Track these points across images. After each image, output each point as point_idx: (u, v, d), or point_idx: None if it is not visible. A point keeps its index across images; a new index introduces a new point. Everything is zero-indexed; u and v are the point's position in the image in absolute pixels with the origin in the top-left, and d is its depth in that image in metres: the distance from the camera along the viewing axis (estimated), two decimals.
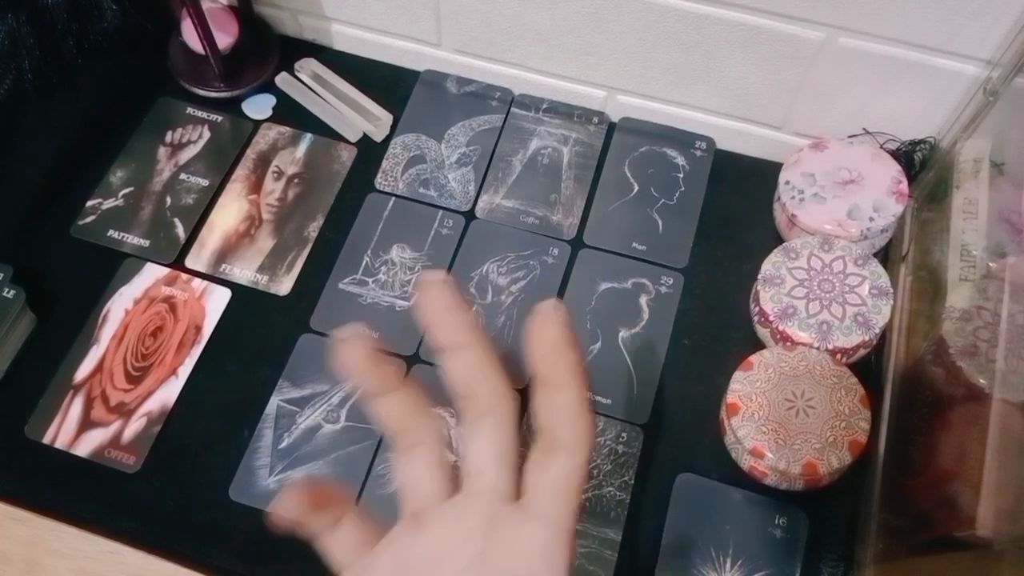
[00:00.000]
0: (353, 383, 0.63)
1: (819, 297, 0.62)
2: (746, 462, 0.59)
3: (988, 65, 0.61)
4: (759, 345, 0.64)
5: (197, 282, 0.68)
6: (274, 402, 0.63)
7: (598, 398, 0.63)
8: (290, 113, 0.76)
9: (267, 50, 0.78)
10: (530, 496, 0.32)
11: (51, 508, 0.60)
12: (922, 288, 0.63)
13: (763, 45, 0.65)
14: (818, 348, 0.60)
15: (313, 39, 0.80)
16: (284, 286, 0.68)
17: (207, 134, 0.75)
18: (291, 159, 0.74)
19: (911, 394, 0.59)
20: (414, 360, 0.65)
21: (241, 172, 0.73)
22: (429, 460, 0.34)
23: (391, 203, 0.72)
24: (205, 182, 0.73)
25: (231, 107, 0.77)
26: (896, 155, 0.68)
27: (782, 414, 0.58)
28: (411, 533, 0.33)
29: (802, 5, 0.61)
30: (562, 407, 0.32)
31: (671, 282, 0.68)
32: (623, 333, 0.66)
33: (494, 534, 0.32)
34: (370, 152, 0.74)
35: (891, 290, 0.62)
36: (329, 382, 0.64)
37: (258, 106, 0.77)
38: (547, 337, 0.32)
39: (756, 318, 0.64)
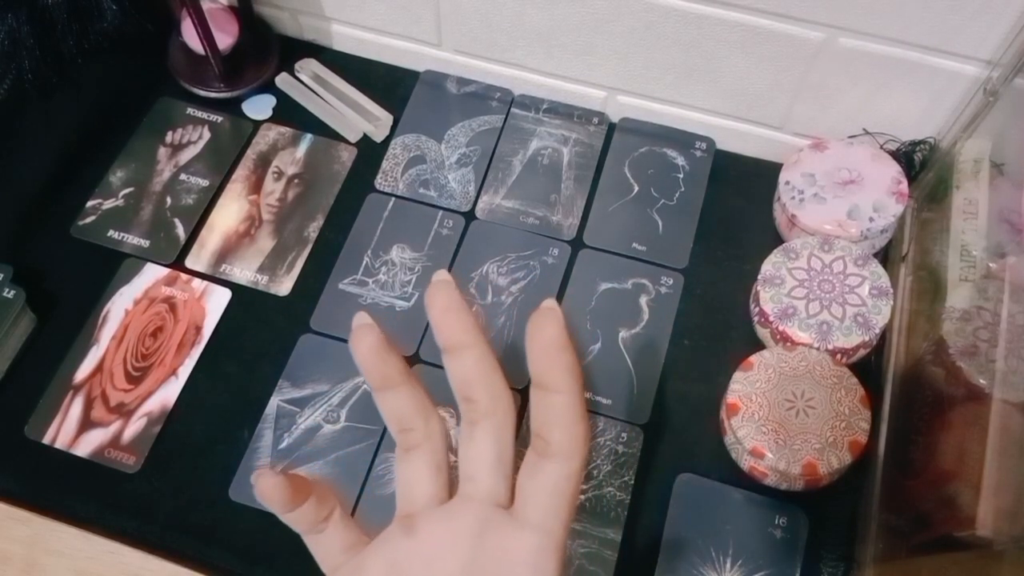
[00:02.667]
0: (361, 374, 0.63)
1: (819, 297, 0.62)
2: (746, 462, 0.59)
3: (988, 65, 0.61)
4: (759, 345, 0.64)
5: (197, 282, 0.68)
6: (274, 402, 0.63)
7: (598, 398, 0.63)
8: (290, 113, 0.76)
9: (267, 50, 0.78)
10: (521, 503, 0.32)
11: (51, 508, 0.60)
12: (922, 288, 0.63)
13: (763, 45, 0.65)
14: (818, 348, 0.60)
15: (313, 39, 0.80)
16: (284, 286, 0.68)
17: (207, 134, 0.75)
18: (291, 159, 0.74)
19: (911, 394, 0.59)
20: (414, 360, 0.65)
21: (241, 172, 0.73)
22: (428, 462, 0.34)
23: (391, 203, 0.72)
24: (205, 182, 0.73)
25: (231, 107, 0.77)
26: (896, 155, 0.68)
27: (782, 414, 0.58)
28: (403, 535, 0.33)
29: (802, 5, 0.61)
30: (557, 411, 0.32)
31: (671, 282, 0.68)
32: (623, 333, 0.66)
33: (485, 540, 0.32)
34: (370, 152, 0.74)
35: (891, 290, 0.62)
36: (329, 382, 0.64)
37: (258, 106, 0.77)
38: (544, 337, 0.31)
39: (756, 318, 0.64)
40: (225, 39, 0.74)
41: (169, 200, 0.72)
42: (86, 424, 0.62)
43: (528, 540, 0.31)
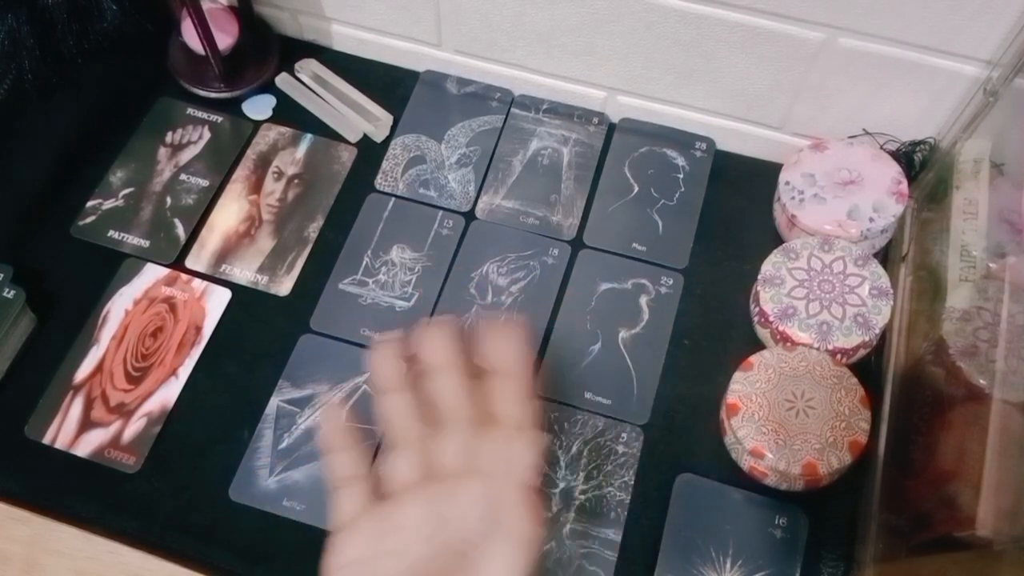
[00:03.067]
0: (360, 374, 0.64)
1: (819, 297, 0.62)
2: (746, 462, 0.59)
3: (988, 65, 0.61)
4: (759, 345, 0.64)
5: (197, 282, 0.68)
6: (274, 402, 0.63)
7: (598, 398, 0.63)
8: (290, 114, 0.76)
9: (267, 50, 0.78)
10: (477, 463, 0.38)
11: (51, 508, 0.60)
12: (922, 288, 0.63)
13: (763, 45, 0.65)
14: (818, 348, 0.60)
15: (313, 39, 0.80)
16: (284, 286, 0.68)
17: (207, 134, 0.75)
18: (291, 159, 0.74)
19: (911, 394, 0.59)
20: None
21: (241, 172, 0.73)
22: (414, 452, 0.39)
23: (391, 203, 0.72)
24: (205, 182, 0.73)
25: (231, 107, 0.77)
26: (896, 155, 0.68)
27: (782, 414, 0.58)
28: (388, 506, 0.38)
29: (802, 5, 0.61)
30: (506, 388, 0.39)
31: (671, 282, 0.68)
32: (623, 333, 0.66)
33: (452, 501, 0.37)
34: (370, 153, 0.74)
35: (891, 290, 0.62)
36: (329, 382, 0.64)
37: (258, 106, 0.77)
38: (497, 336, 0.40)
39: (756, 318, 0.64)
40: (225, 39, 0.74)
41: (169, 200, 0.72)
42: (86, 424, 0.62)
43: (480, 486, 0.37)
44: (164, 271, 0.68)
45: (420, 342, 0.41)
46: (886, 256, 0.68)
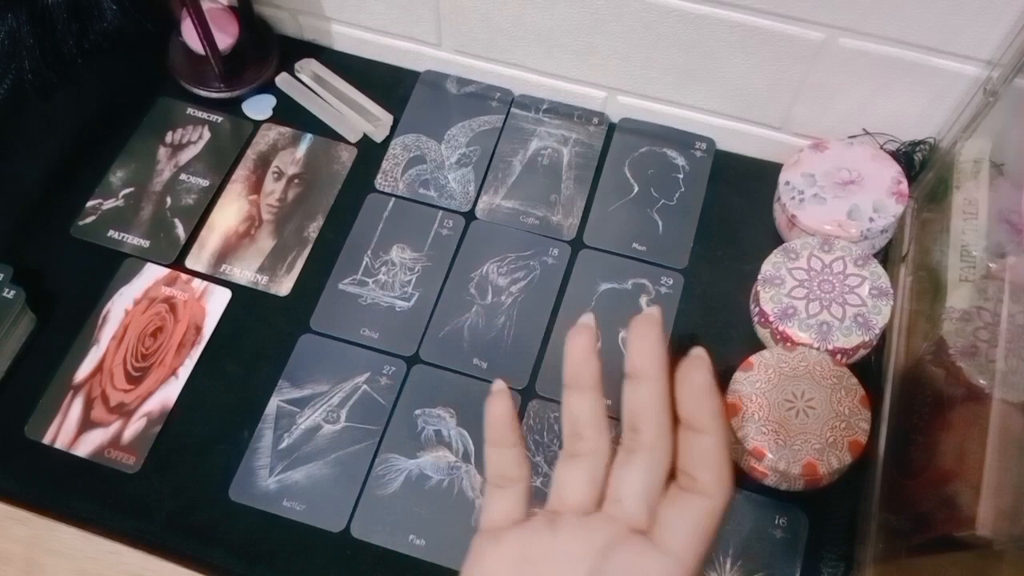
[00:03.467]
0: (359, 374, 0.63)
1: (819, 297, 0.62)
2: (746, 462, 0.59)
3: (988, 65, 0.61)
4: (759, 345, 0.64)
5: (197, 282, 0.68)
6: (274, 402, 0.63)
7: None
8: (290, 113, 0.76)
9: (267, 50, 0.78)
10: (661, 529, 0.34)
11: (51, 508, 0.60)
12: (922, 288, 0.63)
13: (763, 45, 0.65)
14: (818, 348, 0.60)
15: (313, 39, 0.80)
16: (284, 286, 0.68)
17: (207, 134, 0.75)
18: (291, 159, 0.74)
19: (911, 394, 0.59)
20: (414, 361, 0.65)
21: (241, 172, 0.73)
22: (588, 473, 0.36)
23: (391, 203, 0.72)
24: (205, 182, 0.73)
25: (231, 107, 0.77)
26: (896, 155, 0.68)
27: (782, 414, 0.58)
28: (545, 528, 0.36)
29: (802, 5, 0.61)
30: (705, 451, 0.34)
31: (671, 282, 0.68)
32: (623, 333, 0.66)
33: (616, 556, 0.34)
34: (370, 152, 0.74)
35: (891, 290, 0.62)
36: (329, 382, 0.64)
37: (258, 106, 0.77)
38: (694, 383, 0.35)
39: (756, 318, 0.64)
40: (225, 39, 0.74)
41: (169, 200, 0.72)
42: (86, 424, 0.62)
43: (663, 564, 0.33)
44: (164, 271, 0.68)
45: (630, 339, 0.37)
46: (886, 256, 0.68)
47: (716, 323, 0.67)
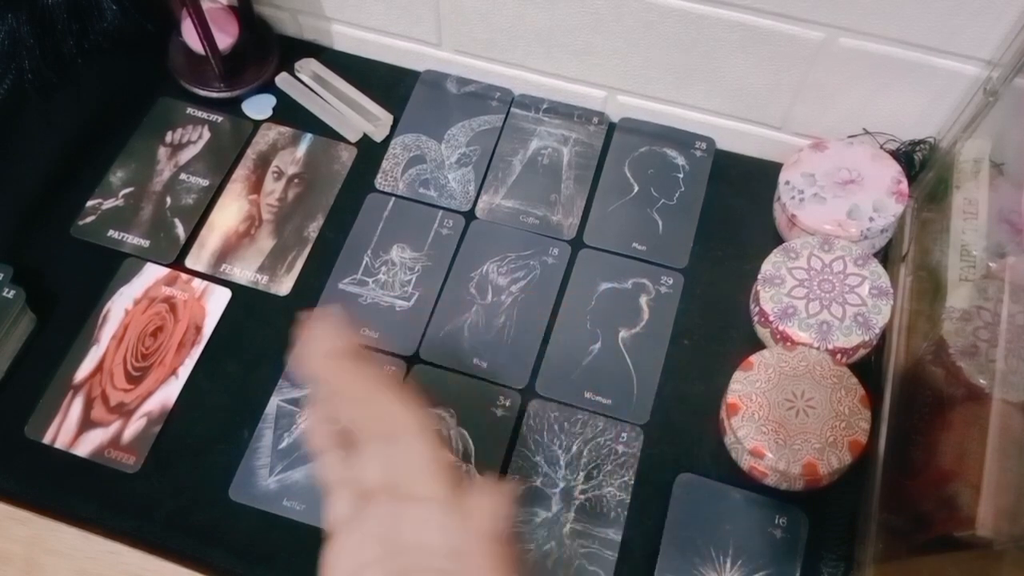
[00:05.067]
0: None
1: (819, 297, 0.62)
2: (746, 462, 0.59)
3: (988, 65, 0.61)
4: (759, 345, 0.64)
5: (197, 282, 0.68)
6: (274, 402, 0.63)
7: (598, 398, 0.63)
8: (290, 113, 0.76)
9: (267, 50, 0.78)
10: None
11: (51, 508, 0.60)
12: (922, 288, 0.63)
13: (763, 45, 0.65)
14: (818, 348, 0.60)
15: (313, 39, 0.80)
16: (284, 286, 0.68)
17: (207, 134, 0.75)
18: (291, 159, 0.74)
19: (911, 394, 0.59)
20: (414, 360, 0.65)
21: (241, 172, 0.73)
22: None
23: (391, 203, 0.72)
24: (205, 182, 0.73)
25: (231, 107, 0.77)
26: (896, 155, 0.68)
27: (782, 414, 0.58)
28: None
29: (802, 5, 0.61)
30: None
31: (671, 282, 0.68)
32: (623, 333, 0.66)
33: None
34: (370, 152, 0.74)
35: (891, 290, 0.62)
36: None
37: (258, 106, 0.77)
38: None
39: (756, 318, 0.64)
40: (225, 39, 0.74)
41: (169, 200, 0.72)
42: (86, 424, 0.62)
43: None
44: (164, 271, 0.68)
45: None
46: (886, 256, 0.68)
47: (716, 323, 0.67)
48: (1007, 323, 0.51)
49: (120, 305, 0.67)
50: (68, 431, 0.62)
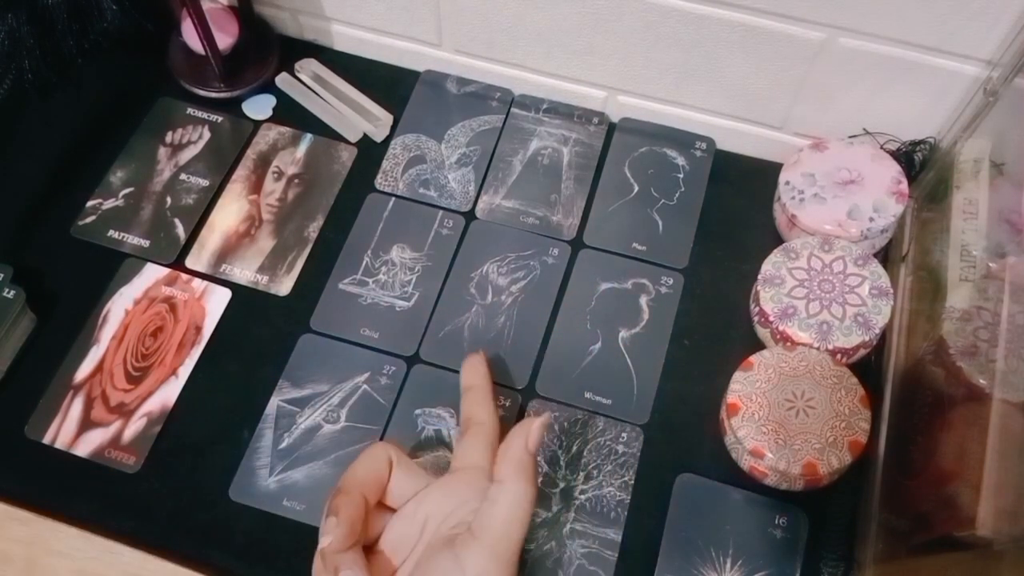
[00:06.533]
0: (359, 374, 0.65)
1: (819, 297, 0.62)
2: (746, 462, 0.59)
3: (988, 65, 0.61)
4: (759, 345, 0.64)
5: (197, 282, 0.68)
6: (274, 402, 0.63)
7: (598, 398, 0.63)
8: (290, 113, 0.76)
9: (267, 50, 0.78)
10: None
11: (51, 508, 0.60)
12: (922, 288, 0.63)
13: (763, 45, 0.65)
14: (818, 348, 0.60)
15: (313, 39, 0.80)
16: (284, 286, 0.68)
17: (207, 134, 0.75)
18: (291, 159, 0.74)
19: (911, 394, 0.59)
20: (414, 360, 0.65)
21: (241, 172, 0.73)
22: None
23: (391, 203, 0.72)
24: (205, 182, 0.73)
25: (231, 107, 0.77)
26: (896, 155, 0.68)
27: (782, 414, 0.58)
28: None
29: (802, 5, 0.61)
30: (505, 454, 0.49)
31: (671, 282, 0.68)
32: (623, 333, 0.66)
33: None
34: (370, 152, 0.74)
35: (891, 290, 0.62)
36: (329, 382, 0.64)
37: (258, 106, 0.77)
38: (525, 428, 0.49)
39: (756, 318, 0.64)
40: (225, 39, 0.74)
41: (169, 200, 0.72)
42: (86, 424, 0.62)
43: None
44: (164, 271, 0.68)
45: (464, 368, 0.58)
46: (886, 256, 0.68)
47: (716, 323, 0.67)
48: (1007, 323, 0.51)
49: (120, 305, 0.67)
50: (68, 431, 0.62)
